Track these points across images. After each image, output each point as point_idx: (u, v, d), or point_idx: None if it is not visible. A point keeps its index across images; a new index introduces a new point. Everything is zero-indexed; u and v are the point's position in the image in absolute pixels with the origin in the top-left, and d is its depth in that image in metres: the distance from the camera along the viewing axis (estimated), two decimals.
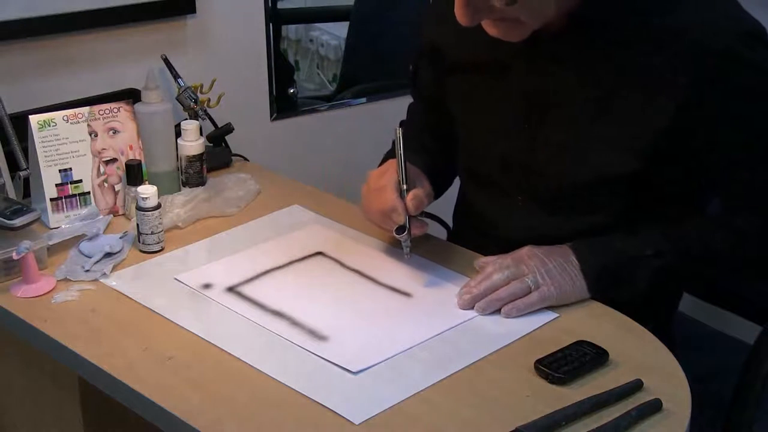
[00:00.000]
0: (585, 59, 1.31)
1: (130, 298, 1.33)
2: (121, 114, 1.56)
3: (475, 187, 1.51)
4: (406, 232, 1.33)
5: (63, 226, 1.51)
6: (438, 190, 1.49)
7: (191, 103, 1.78)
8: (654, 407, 1.08)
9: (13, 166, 1.53)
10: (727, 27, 1.25)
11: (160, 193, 1.48)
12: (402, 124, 1.63)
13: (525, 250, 1.32)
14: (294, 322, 1.26)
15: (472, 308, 1.29)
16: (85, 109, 1.54)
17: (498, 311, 1.28)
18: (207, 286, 1.36)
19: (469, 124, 1.47)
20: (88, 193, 1.55)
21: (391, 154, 1.51)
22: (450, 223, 1.63)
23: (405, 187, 1.34)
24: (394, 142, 1.47)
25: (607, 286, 1.30)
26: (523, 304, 1.27)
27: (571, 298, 1.29)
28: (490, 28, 1.28)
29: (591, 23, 1.29)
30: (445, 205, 1.61)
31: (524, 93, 1.37)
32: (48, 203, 1.51)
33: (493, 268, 1.31)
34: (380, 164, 1.47)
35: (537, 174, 1.38)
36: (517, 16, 1.23)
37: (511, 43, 1.30)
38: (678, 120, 1.26)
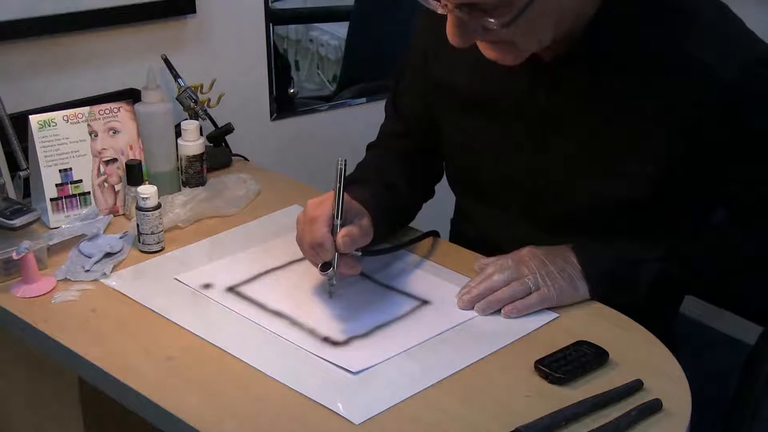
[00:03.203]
0: (590, 82, 1.29)
1: (130, 298, 1.33)
2: (121, 114, 1.56)
3: (473, 201, 1.49)
4: (330, 270, 1.25)
5: (63, 226, 1.51)
6: (392, 227, 1.44)
7: (191, 103, 1.78)
8: (654, 407, 1.08)
9: (13, 166, 1.54)
10: (739, 53, 1.23)
11: (160, 193, 1.47)
12: (370, 146, 1.60)
13: (525, 251, 1.31)
14: (294, 322, 1.26)
15: (472, 308, 1.29)
16: (85, 109, 1.54)
17: (498, 312, 1.28)
18: (207, 286, 1.35)
19: (462, 140, 1.45)
20: (88, 193, 1.55)
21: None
22: (447, 231, 1.61)
23: (338, 222, 1.26)
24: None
25: (607, 290, 1.29)
26: (523, 305, 1.27)
27: (570, 300, 1.29)
28: (486, 50, 1.25)
29: (596, 49, 1.27)
30: (441, 212, 1.60)
31: (526, 114, 1.35)
32: (48, 203, 1.51)
33: (494, 269, 1.31)
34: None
35: (539, 196, 1.37)
36: (511, 39, 1.21)
37: (511, 67, 1.29)
38: (689, 145, 1.25)
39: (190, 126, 1.64)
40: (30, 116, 1.50)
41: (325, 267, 1.26)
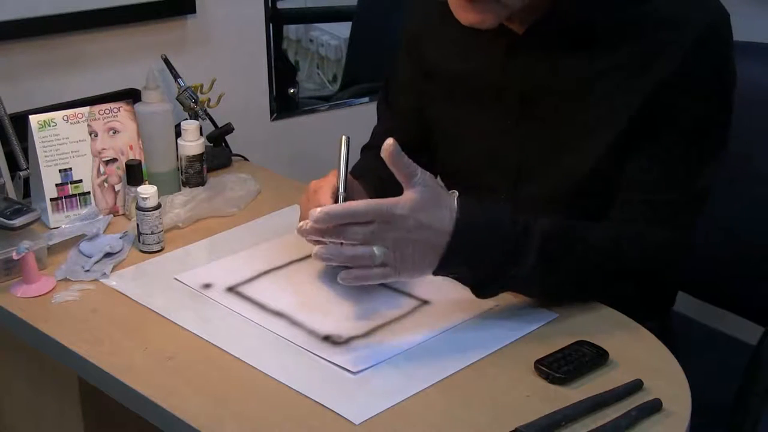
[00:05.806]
0: (562, 53, 1.31)
1: (130, 298, 1.33)
2: (121, 114, 1.56)
3: (461, 188, 1.50)
4: None
5: (63, 226, 1.51)
6: None
7: (191, 103, 1.78)
8: (654, 407, 1.08)
9: (13, 166, 1.54)
10: (695, 17, 1.25)
11: (160, 193, 1.47)
12: (365, 148, 1.61)
13: (400, 211, 1.13)
14: (294, 322, 1.26)
15: (305, 238, 1.17)
16: (85, 109, 1.54)
17: (498, 312, 1.27)
18: (207, 286, 1.36)
19: (449, 127, 1.46)
20: (88, 193, 1.55)
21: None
22: None
23: (344, 194, 1.26)
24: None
25: (467, 252, 1.18)
26: (363, 275, 1.14)
27: (415, 277, 1.20)
28: (466, 13, 1.25)
29: (565, 17, 1.29)
30: None
31: (506, 92, 1.36)
32: (48, 203, 1.51)
33: (357, 213, 1.12)
34: None
35: (524, 172, 1.38)
36: None
37: (488, 45, 1.30)
38: (645, 108, 1.26)
39: (190, 126, 1.64)
40: (30, 116, 1.50)
41: None
